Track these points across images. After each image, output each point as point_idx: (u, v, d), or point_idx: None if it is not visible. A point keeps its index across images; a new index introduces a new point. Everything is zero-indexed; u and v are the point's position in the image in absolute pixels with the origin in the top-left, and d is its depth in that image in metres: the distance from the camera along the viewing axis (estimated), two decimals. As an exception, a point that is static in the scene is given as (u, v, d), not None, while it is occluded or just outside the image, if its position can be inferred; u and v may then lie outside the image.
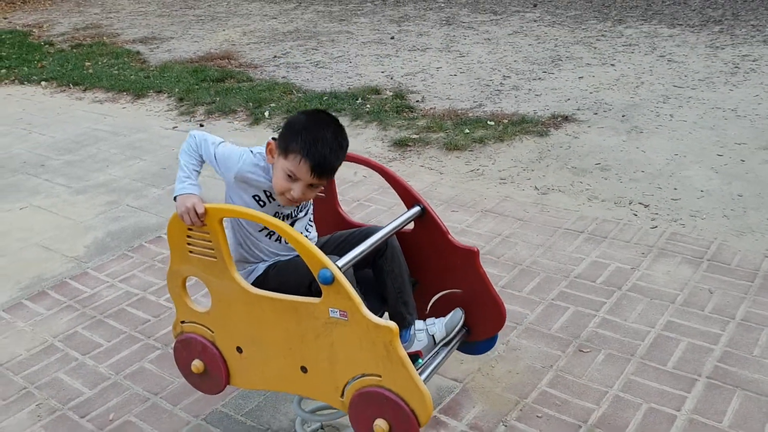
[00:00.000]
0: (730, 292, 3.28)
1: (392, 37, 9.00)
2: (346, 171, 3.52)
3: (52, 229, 4.36)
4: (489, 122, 5.62)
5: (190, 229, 2.12)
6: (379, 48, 8.51)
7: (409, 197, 2.47)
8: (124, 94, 7.23)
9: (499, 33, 8.93)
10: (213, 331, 2.25)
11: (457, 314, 2.40)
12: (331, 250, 2.28)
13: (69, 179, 5.16)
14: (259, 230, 2.29)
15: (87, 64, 8.43)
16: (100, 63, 8.47)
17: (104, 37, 9.93)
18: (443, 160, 5.06)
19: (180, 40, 9.60)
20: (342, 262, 2.03)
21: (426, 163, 5.02)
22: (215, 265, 2.13)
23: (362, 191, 4.58)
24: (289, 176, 2.13)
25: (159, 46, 9.30)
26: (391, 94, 6.54)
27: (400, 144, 5.35)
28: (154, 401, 2.78)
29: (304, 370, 2.10)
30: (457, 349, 2.64)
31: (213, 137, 2.30)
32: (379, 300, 2.38)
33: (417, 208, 2.44)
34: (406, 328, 2.36)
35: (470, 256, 2.44)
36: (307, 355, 2.07)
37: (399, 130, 5.65)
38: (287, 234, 1.99)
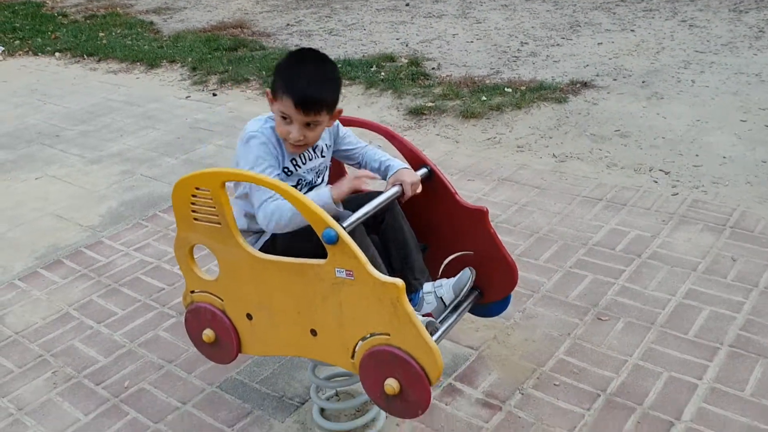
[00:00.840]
0: (753, 259, 3.21)
1: (407, 4, 8.84)
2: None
3: (67, 198, 4.35)
4: (506, 89, 5.51)
5: (194, 196, 2.10)
6: (394, 15, 8.37)
7: (415, 159, 2.45)
8: (138, 64, 7.19)
9: (517, -1, 8.74)
10: (222, 299, 2.22)
11: (465, 274, 2.33)
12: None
13: (83, 149, 5.14)
14: None
15: (101, 34, 8.38)
16: (113, 34, 8.42)
17: (117, 8, 9.86)
18: (459, 128, 4.98)
19: (193, 10, 9.51)
20: (347, 222, 2.01)
21: (442, 132, 4.95)
22: (220, 232, 2.10)
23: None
24: (284, 118, 2.15)
25: (172, 16, 9.22)
26: (407, 61, 6.44)
27: (416, 112, 5.27)
28: (168, 369, 2.78)
29: (313, 333, 2.07)
30: (470, 312, 2.61)
31: (261, 192, 2.13)
32: (387, 267, 2.34)
33: (424, 170, 2.41)
34: (414, 293, 2.32)
35: (479, 216, 2.40)
36: (315, 317, 2.04)
37: (414, 98, 5.56)
38: (290, 195, 1.94)
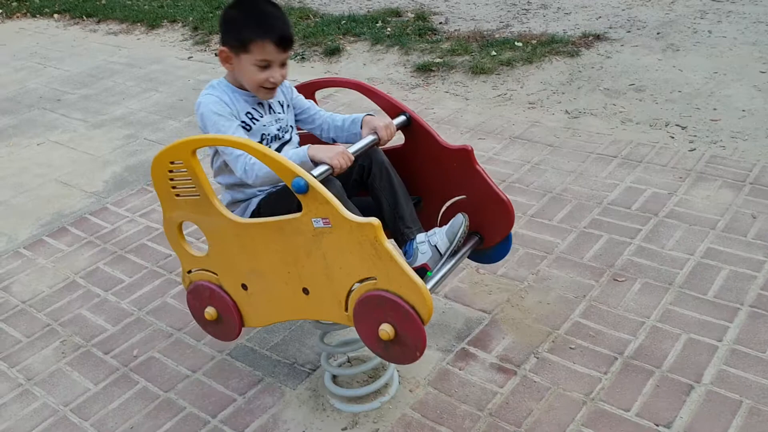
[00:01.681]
0: (774, 216, 3.12)
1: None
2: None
3: (70, 164, 4.28)
4: (516, 43, 5.35)
5: (170, 171, 2.07)
6: (399, -31, 8.12)
7: (392, 108, 2.38)
8: (138, 24, 7.03)
9: (526, -51, 8.46)
10: (217, 274, 2.19)
11: (458, 219, 2.25)
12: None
13: (86, 113, 5.05)
14: None
15: (99, -6, 8.19)
16: (112, -7, 8.22)
17: (116, -34, 9.62)
18: (469, 84, 4.85)
19: (193, -33, 9.26)
20: (317, 171, 1.97)
21: (451, 89, 4.82)
22: (200, 203, 2.08)
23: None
24: (261, 66, 2.14)
25: (172, -26, 9.00)
26: (413, 16, 6.26)
27: (424, 69, 5.13)
28: (177, 337, 2.74)
29: (306, 291, 2.03)
30: (473, 259, 2.56)
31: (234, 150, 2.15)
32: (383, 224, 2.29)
33: (402, 117, 2.35)
34: (407, 243, 2.27)
35: (465, 155, 2.33)
36: (304, 274, 2.00)
37: (422, 54, 5.41)
38: (256, 150, 1.90)
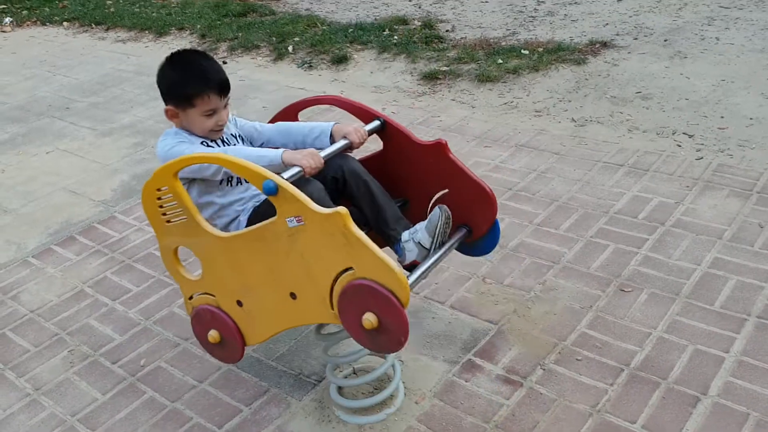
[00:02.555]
0: (781, 226, 3.11)
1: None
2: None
3: (79, 172, 4.31)
4: (523, 51, 5.35)
5: (159, 198, 2.13)
6: (406, -24, 8.14)
7: (367, 115, 2.45)
8: (146, 32, 7.08)
9: (533, -45, 8.47)
10: (214, 295, 2.22)
11: (435, 213, 2.26)
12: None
13: (94, 121, 5.09)
14: (218, 185, 2.32)
15: (108, 2, 8.26)
16: (121, 1, 8.29)
17: (124, -26, 9.69)
18: (475, 92, 4.85)
19: (201, -25, 9.31)
20: (288, 174, 2.02)
21: (457, 97, 4.83)
22: (188, 225, 2.14)
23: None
24: (208, 115, 2.29)
25: (180, -18, 9.05)
26: (420, 23, 6.28)
27: (430, 77, 5.14)
28: (184, 346, 2.75)
29: (293, 296, 2.06)
30: (463, 252, 2.57)
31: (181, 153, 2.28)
32: (369, 229, 2.35)
33: (376, 122, 2.41)
34: (395, 244, 2.32)
35: (439, 149, 2.39)
36: (288, 279, 2.03)
37: (428, 62, 5.42)
38: (226, 161, 1.98)
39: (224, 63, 6.01)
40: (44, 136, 4.91)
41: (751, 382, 2.32)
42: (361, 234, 1.86)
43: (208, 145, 2.35)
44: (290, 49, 6.06)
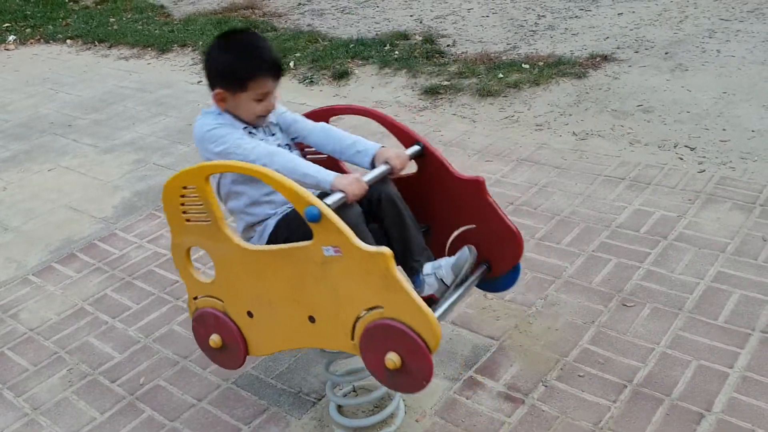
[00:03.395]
0: (785, 239, 3.08)
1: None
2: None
3: (81, 189, 4.32)
4: (524, 65, 5.36)
5: (182, 196, 2.07)
6: (407, -9, 8.18)
7: (407, 138, 2.38)
8: (149, 49, 7.11)
9: (533, -30, 8.50)
10: (223, 301, 2.19)
11: (464, 254, 2.24)
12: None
13: (96, 138, 5.10)
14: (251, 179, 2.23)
15: (111, 20, 8.31)
16: (124, 19, 8.35)
17: (128, -8, 9.77)
18: (476, 107, 4.85)
19: (204, -8, 9.38)
20: (331, 200, 1.96)
21: (458, 111, 4.83)
22: (210, 228, 2.08)
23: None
24: (259, 100, 2.19)
25: (183, -1, 9.12)
26: (421, 38, 6.29)
27: (431, 91, 5.15)
28: (183, 365, 2.74)
29: (312, 320, 2.02)
30: (479, 288, 2.55)
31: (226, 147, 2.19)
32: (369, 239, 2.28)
33: (416, 147, 2.35)
34: (414, 275, 2.28)
35: (476, 186, 2.34)
36: (311, 302, 2.00)
37: (429, 76, 5.43)
38: (271, 178, 1.91)
39: (226, 79, 6.03)
40: (46, 153, 4.92)
41: (756, 398, 2.29)
42: (402, 277, 1.82)
43: (251, 133, 2.24)
44: (292, 64, 6.08)
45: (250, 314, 2.15)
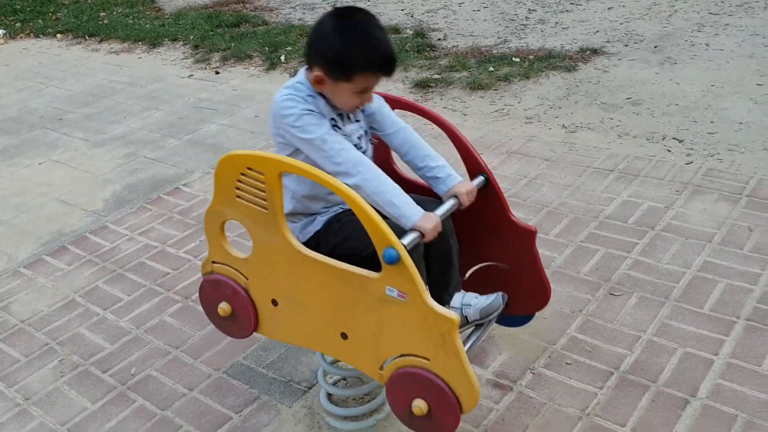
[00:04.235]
0: (770, 229, 3.12)
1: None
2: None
3: (71, 183, 4.31)
4: (514, 59, 5.38)
5: (243, 175, 1.92)
6: (399, -15, 8.19)
7: (473, 163, 2.24)
8: (140, 43, 7.10)
9: (524, -36, 8.53)
10: (248, 278, 2.11)
11: (497, 302, 2.20)
12: None
13: (87, 132, 5.09)
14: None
15: (102, 14, 8.29)
16: (114, 13, 8.32)
17: (118, -14, 9.74)
18: (467, 100, 4.87)
19: (195, -14, 9.37)
20: (406, 240, 1.87)
21: (449, 104, 4.85)
22: (264, 217, 1.95)
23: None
24: (359, 92, 1.99)
25: (173, -7, 9.09)
26: (412, 32, 6.31)
27: (422, 85, 5.17)
28: (175, 355, 2.75)
29: (344, 336, 1.98)
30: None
31: (310, 135, 1.98)
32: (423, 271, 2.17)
33: (481, 178, 2.22)
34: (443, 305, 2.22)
35: (527, 236, 2.26)
36: (351, 323, 1.95)
37: (420, 70, 5.45)
38: (357, 205, 1.77)
39: (217, 73, 6.03)
40: (37, 148, 4.91)
41: (740, 384, 2.33)
42: (461, 345, 1.79)
43: (335, 125, 2.05)
44: (282, 58, 6.08)
45: (275, 302, 2.08)
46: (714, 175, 3.60)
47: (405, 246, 1.82)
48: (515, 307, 2.37)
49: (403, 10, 7.13)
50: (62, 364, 2.77)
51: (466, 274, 2.42)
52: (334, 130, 2.02)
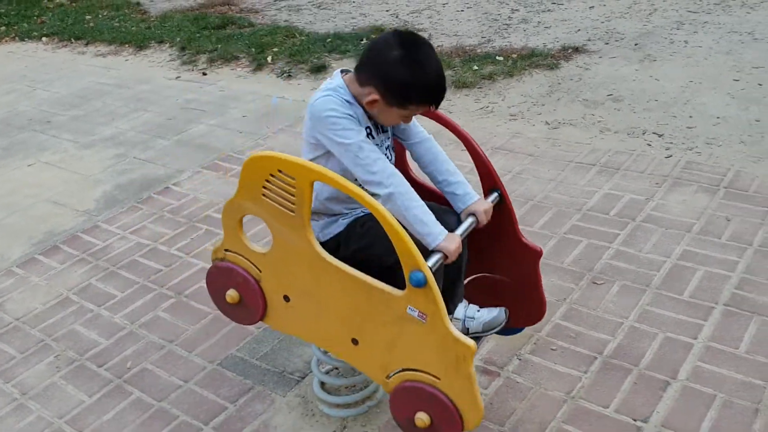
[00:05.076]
0: (747, 219, 3.22)
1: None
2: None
3: (62, 184, 4.35)
4: (498, 58, 5.48)
5: (272, 176, 1.93)
6: (383, -13, 8.27)
7: (488, 178, 2.29)
8: (126, 46, 7.12)
9: (506, -35, 8.63)
10: (261, 271, 2.13)
11: (500, 317, 2.26)
12: None
13: (76, 134, 5.12)
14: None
15: (87, 17, 8.29)
16: (100, 16, 8.33)
17: (103, -11, 9.73)
18: (452, 98, 4.95)
19: (180, -11, 9.38)
20: (432, 261, 1.92)
21: (434, 102, 4.92)
22: (290, 219, 1.96)
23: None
24: (406, 116, 2.08)
25: (159, -4, 9.11)
26: (397, 33, 6.37)
27: (407, 84, 5.23)
28: (169, 348, 2.80)
29: (354, 342, 2.02)
30: None
31: (346, 140, 2.00)
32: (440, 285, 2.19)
33: (495, 195, 2.27)
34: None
35: (533, 256, 2.33)
36: (364, 332, 1.99)
37: (405, 69, 5.51)
38: (388, 222, 1.79)
39: (204, 74, 6.07)
40: (26, 149, 4.93)
41: (718, 366, 2.42)
42: (473, 371, 1.85)
43: (369, 134, 2.08)
44: (269, 59, 6.14)
45: (287, 298, 2.11)
46: (693, 168, 3.70)
47: (429, 266, 1.86)
48: (511, 321, 2.41)
49: (388, 11, 7.21)
50: (58, 359, 2.81)
51: (465, 280, 2.47)
52: (368, 138, 2.06)
